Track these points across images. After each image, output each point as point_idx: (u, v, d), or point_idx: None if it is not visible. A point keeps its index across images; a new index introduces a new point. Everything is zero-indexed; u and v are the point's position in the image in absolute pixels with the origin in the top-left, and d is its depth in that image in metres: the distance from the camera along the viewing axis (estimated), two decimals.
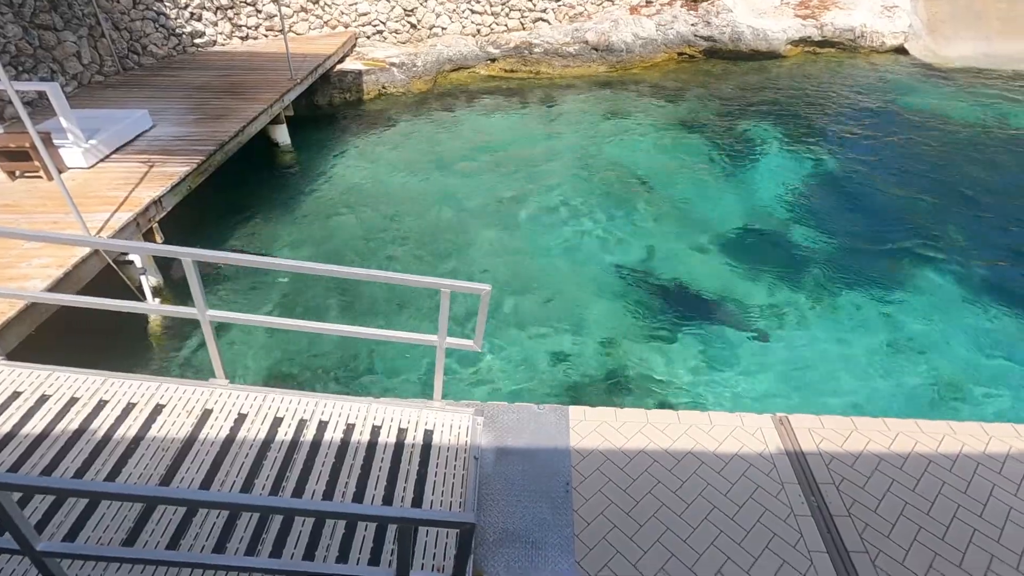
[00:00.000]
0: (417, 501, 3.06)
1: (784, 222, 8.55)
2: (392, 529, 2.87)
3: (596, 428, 3.72)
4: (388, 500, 3.05)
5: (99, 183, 6.78)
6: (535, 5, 14.28)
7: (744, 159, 10.30)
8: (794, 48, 15.10)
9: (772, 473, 3.47)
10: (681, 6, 14.90)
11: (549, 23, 14.53)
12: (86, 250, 5.47)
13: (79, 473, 3.04)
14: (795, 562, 3.00)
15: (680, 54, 14.90)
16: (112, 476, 3.05)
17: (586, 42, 14.27)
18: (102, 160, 7.29)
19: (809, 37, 15.05)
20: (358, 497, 3.05)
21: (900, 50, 15.13)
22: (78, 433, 3.26)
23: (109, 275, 5.91)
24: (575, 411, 3.84)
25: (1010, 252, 7.89)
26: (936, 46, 15.00)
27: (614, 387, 5.78)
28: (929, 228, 8.37)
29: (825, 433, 3.76)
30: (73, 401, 3.45)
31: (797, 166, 10.07)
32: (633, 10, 14.84)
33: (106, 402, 3.47)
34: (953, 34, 15.16)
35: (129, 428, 3.32)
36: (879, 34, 15.01)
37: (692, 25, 14.70)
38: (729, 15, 14.68)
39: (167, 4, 11.33)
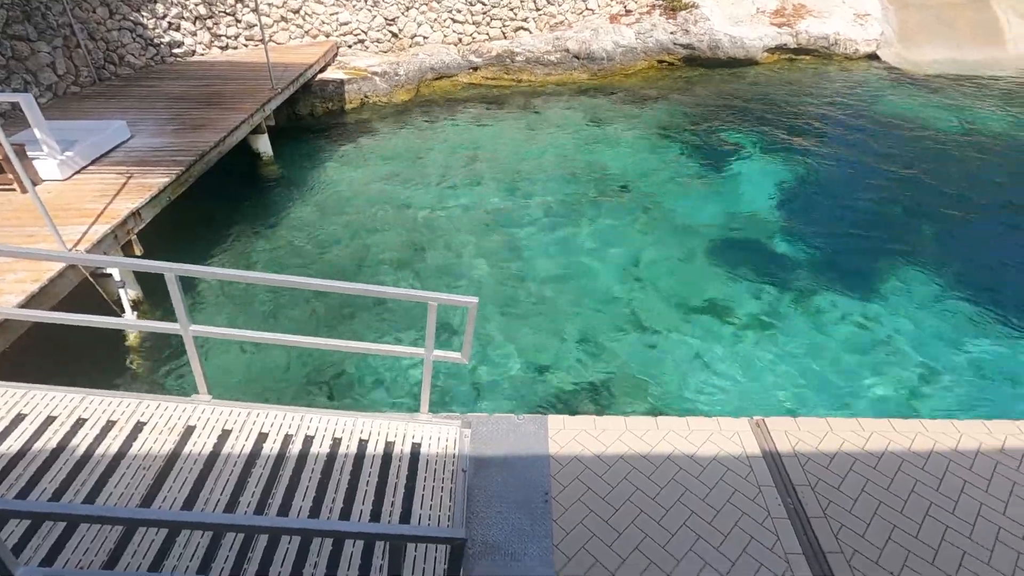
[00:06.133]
0: (406, 515, 3.07)
1: (761, 226, 8.72)
2: (380, 544, 2.87)
3: (575, 437, 3.75)
4: (376, 515, 3.05)
5: (76, 195, 6.68)
6: (516, 14, 14.40)
7: (722, 164, 10.49)
8: (771, 55, 15.43)
9: (749, 477, 3.54)
10: (660, 15, 15.13)
11: (530, 32, 14.66)
12: (62, 264, 5.39)
13: (57, 494, 2.99)
14: (772, 565, 3.07)
15: (660, 62, 15.13)
16: (92, 496, 3.01)
17: (567, 50, 14.42)
18: (78, 172, 7.19)
19: (785, 45, 15.38)
20: (346, 512, 3.04)
21: (873, 57, 15.54)
22: (56, 453, 3.21)
23: (87, 288, 5.82)
24: (554, 420, 3.86)
25: (979, 252, 8.14)
26: (908, 53, 15.42)
27: (596, 393, 5.83)
28: (902, 230, 8.61)
29: (801, 435, 3.84)
30: (50, 420, 3.40)
31: (774, 171, 10.27)
32: (613, 19, 15.04)
33: (85, 420, 3.42)
34: (924, 41, 15.61)
35: (109, 447, 3.28)
36: (852, 41, 15.40)
37: (671, 33, 14.94)
38: (707, 24, 14.95)
39: (144, 14, 11.22)
